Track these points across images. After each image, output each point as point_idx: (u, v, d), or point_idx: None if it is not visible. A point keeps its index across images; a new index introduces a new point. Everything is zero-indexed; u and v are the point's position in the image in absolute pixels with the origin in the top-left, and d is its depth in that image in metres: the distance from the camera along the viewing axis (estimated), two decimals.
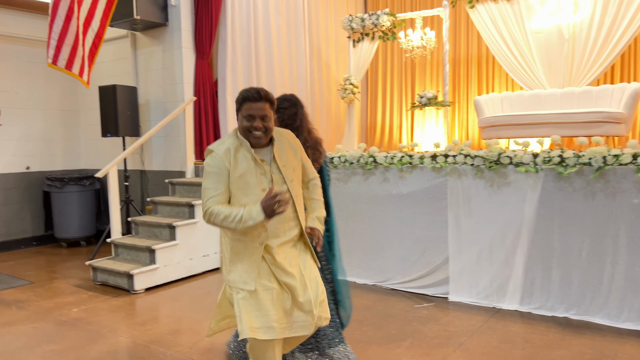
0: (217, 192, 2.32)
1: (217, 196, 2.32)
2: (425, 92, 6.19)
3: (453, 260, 4.35)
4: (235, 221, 2.25)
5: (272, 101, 2.39)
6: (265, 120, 2.32)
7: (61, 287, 5.09)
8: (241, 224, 2.24)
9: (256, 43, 6.81)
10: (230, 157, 2.32)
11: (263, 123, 2.32)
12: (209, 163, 2.34)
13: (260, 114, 2.31)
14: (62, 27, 5.11)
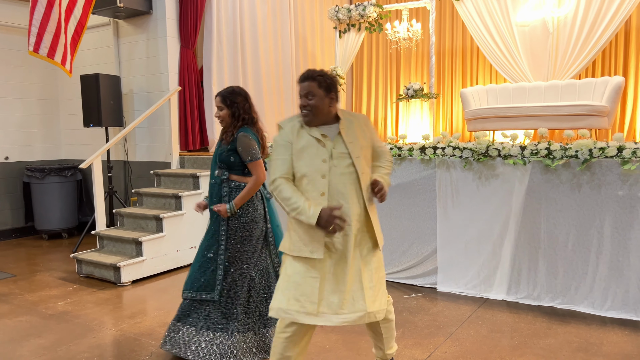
0: (284, 165, 2.42)
1: (284, 169, 2.42)
2: (412, 84, 6.21)
3: (441, 251, 4.40)
4: (291, 208, 2.35)
5: (320, 80, 2.45)
6: (310, 98, 2.43)
7: (45, 280, 5.00)
8: (294, 213, 2.34)
9: (242, 32, 6.74)
10: (294, 132, 2.45)
11: (308, 101, 2.43)
12: (277, 137, 2.49)
13: (304, 92, 2.44)
14: (44, 14, 4.97)
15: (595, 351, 3.14)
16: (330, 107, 2.47)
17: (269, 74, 7.20)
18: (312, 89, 2.43)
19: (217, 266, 3.14)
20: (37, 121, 7.23)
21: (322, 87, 2.43)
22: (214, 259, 3.15)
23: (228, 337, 3.04)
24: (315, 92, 2.42)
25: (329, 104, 2.45)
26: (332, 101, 2.46)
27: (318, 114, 2.43)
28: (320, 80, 2.43)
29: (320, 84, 2.43)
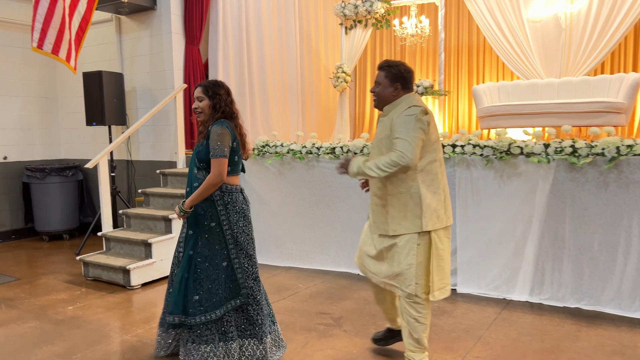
0: None
1: None
2: (422, 81, 6.11)
3: (461, 251, 4.31)
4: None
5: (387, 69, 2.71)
6: (376, 85, 2.75)
7: (50, 283, 4.85)
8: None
9: (247, 28, 6.60)
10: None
11: (375, 88, 2.75)
12: None
13: (376, 80, 2.76)
14: (48, 9, 4.81)
15: (631, 354, 3.06)
16: (394, 96, 2.71)
17: (274, 70, 7.07)
18: (380, 78, 2.73)
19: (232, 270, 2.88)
20: (36, 120, 7.05)
21: (388, 77, 2.69)
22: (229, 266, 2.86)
23: (259, 342, 2.90)
24: (381, 82, 2.71)
25: (393, 93, 2.70)
26: (396, 90, 2.70)
27: (382, 100, 2.73)
28: (387, 70, 2.70)
29: (387, 73, 2.69)
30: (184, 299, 2.78)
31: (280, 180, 5.30)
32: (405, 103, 2.64)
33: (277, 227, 5.34)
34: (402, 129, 2.55)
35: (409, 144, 2.51)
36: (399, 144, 2.52)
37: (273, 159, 5.27)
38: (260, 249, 5.46)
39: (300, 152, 5.14)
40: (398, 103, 2.67)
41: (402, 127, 2.55)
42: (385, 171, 2.53)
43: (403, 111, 2.59)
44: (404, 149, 2.50)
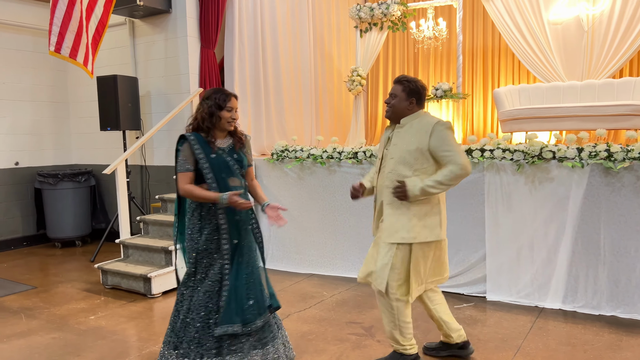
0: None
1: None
2: (440, 84, 6.04)
3: (490, 258, 4.22)
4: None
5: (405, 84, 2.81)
6: (391, 97, 2.83)
7: (68, 291, 4.75)
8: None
9: (262, 31, 6.52)
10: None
11: (391, 100, 2.83)
12: None
13: (392, 92, 2.84)
14: (65, 12, 4.73)
15: None
16: (409, 110, 2.80)
17: (288, 74, 6.99)
18: (395, 90, 2.81)
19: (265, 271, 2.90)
20: (47, 125, 6.96)
21: (404, 90, 2.78)
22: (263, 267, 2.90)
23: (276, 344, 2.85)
24: (398, 94, 2.80)
25: (408, 107, 2.80)
26: (410, 105, 2.80)
27: (396, 112, 2.82)
28: (405, 84, 2.79)
29: (404, 87, 2.79)
30: (237, 308, 2.69)
31: (300, 185, 5.21)
32: (430, 117, 2.76)
33: (297, 233, 5.25)
34: (447, 143, 2.68)
35: (460, 154, 2.66)
36: (455, 157, 2.66)
37: (293, 164, 5.19)
38: (279, 255, 5.38)
39: (321, 156, 5.06)
40: (418, 116, 2.79)
41: (446, 141, 2.68)
42: (450, 185, 2.67)
43: (435, 125, 2.69)
44: (463, 161, 2.65)
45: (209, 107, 2.70)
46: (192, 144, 2.69)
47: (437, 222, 2.78)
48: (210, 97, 2.73)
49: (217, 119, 2.70)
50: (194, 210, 2.75)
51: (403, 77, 2.84)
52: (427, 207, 2.76)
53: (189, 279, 2.78)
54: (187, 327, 2.69)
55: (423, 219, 2.74)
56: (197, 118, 2.74)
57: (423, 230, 2.74)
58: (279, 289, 4.63)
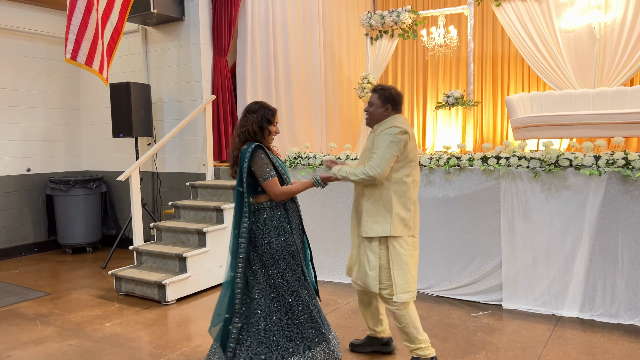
0: None
1: None
2: (452, 92, 6.05)
3: (506, 266, 4.21)
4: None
5: (380, 92, 2.99)
6: (369, 106, 3.03)
7: (82, 298, 4.75)
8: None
9: (274, 39, 6.56)
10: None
11: (369, 108, 3.04)
12: None
13: (369, 101, 3.04)
14: (82, 19, 4.77)
15: None
16: (385, 115, 2.99)
17: (299, 81, 7.02)
18: (372, 99, 3.02)
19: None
20: (59, 131, 6.99)
21: (380, 98, 2.99)
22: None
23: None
24: (374, 102, 3.00)
25: (384, 113, 2.99)
26: (386, 111, 2.99)
27: (373, 119, 3.03)
28: (380, 93, 3.00)
29: (379, 95, 2.99)
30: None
31: (312, 192, 5.21)
32: (389, 122, 2.94)
33: (310, 240, 5.23)
34: (379, 145, 2.88)
35: (381, 159, 2.84)
36: (374, 158, 2.87)
37: (306, 170, 5.20)
38: None
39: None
40: (385, 122, 2.96)
41: (380, 143, 2.88)
42: (359, 178, 2.88)
43: (384, 129, 2.89)
44: (375, 163, 2.84)
45: (258, 121, 2.88)
46: (268, 152, 2.91)
47: (388, 219, 2.92)
48: (258, 112, 2.91)
49: (267, 132, 2.92)
50: (279, 217, 2.88)
51: (378, 86, 3.03)
52: (379, 204, 2.95)
53: (299, 281, 2.92)
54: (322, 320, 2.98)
55: (374, 215, 2.96)
56: (247, 131, 2.88)
57: (374, 225, 2.95)
58: None
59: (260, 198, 2.90)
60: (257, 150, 2.83)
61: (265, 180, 2.82)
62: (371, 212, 2.96)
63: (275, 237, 2.86)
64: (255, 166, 2.82)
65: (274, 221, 2.87)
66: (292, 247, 2.89)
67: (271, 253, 2.85)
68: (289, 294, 2.86)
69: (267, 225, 2.87)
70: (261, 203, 2.90)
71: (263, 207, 2.89)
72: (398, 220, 2.93)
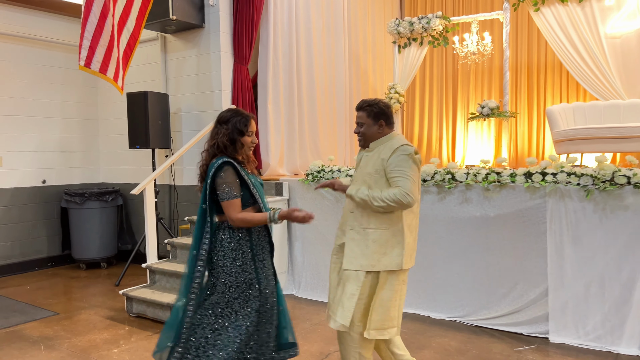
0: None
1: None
2: (487, 102, 5.66)
3: (554, 295, 3.78)
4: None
5: (368, 109, 2.68)
6: (359, 126, 2.72)
7: (91, 319, 4.47)
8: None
9: (297, 47, 6.27)
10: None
11: (359, 129, 2.73)
12: None
13: (357, 120, 2.75)
14: (97, 25, 4.54)
15: None
16: (380, 133, 2.69)
17: (323, 91, 6.71)
18: (363, 119, 2.71)
19: None
20: (76, 142, 6.79)
21: (370, 116, 2.68)
22: None
23: None
24: (365, 122, 2.70)
25: (378, 130, 2.69)
26: (380, 128, 2.68)
27: (368, 139, 2.71)
28: (368, 110, 2.68)
29: (368, 113, 2.68)
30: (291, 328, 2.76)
31: (337, 208, 4.86)
32: (396, 141, 2.64)
33: (324, 256, 4.87)
34: (400, 168, 2.54)
35: (410, 183, 2.51)
36: (402, 182, 2.51)
37: None
38: (313, 283, 5.02)
39: None
40: (386, 140, 2.68)
41: (400, 166, 2.54)
42: (386, 204, 2.51)
43: (396, 149, 2.57)
44: (408, 188, 2.50)
45: (229, 133, 2.53)
46: (240, 168, 2.54)
47: (399, 251, 2.59)
48: (230, 121, 2.56)
49: (239, 144, 2.56)
50: (240, 239, 2.52)
51: (364, 103, 2.72)
52: (388, 233, 2.60)
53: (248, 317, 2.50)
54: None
55: (383, 246, 2.59)
56: (217, 144, 2.55)
57: (383, 258, 2.59)
58: (315, 322, 4.26)
59: (224, 216, 2.55)
60: (223, 167, 2.48)
61: (224, 201, 2.46)
62: (380, 244, 2.59)
63: (231, 261, 2.49)
64: (216, 183, 2.49)
65: (231, 243, 2.51)
66: (249, 275, 2.50)
67: (223, 278, 2.49)
68: (232, 327, 2.46)
69: (224, 247, 2.50)
70: (224, 222, 2.55)
71: (223, 227, 2.53)
72: (409, 251, 2.64)
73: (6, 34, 6.03)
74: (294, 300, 4.91)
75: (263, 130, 5.89)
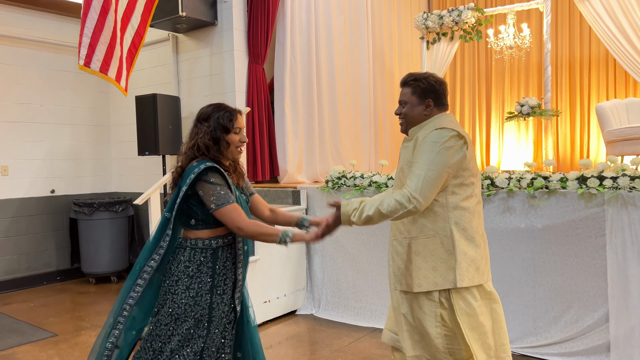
0: None
1: None
2: (527, 100, 5.09)
3: (616, 321, 3.20)
4: None
5: (413, 84, 2.20)
6: (402, 106, 2.24)
7: (90, 342, 4.07)
8: None
9: (317, 45, 5.83)
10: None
11: (401, 109, 2.25)
12: None
13: (401, 99, 2.25)
14: (97, 21, 4.18)
15: None
16: (426, 115, 2.18)
17: (345, 92, 6.25)
18: (406, 96, 2.22)
19: None
20: (86, 150, 6.49)
21: (415, 93, 2.19)
22: None
23: None
24: (409, 100, 2.22)
25: (424, 112, 2.19)
26: (428, 108, 2.18)
27: (412, 123, 2.22)
28: (414, 85, 2.20)
29: (414, 89, 2.20)
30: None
31: None
32: (432, 124, 2.13)
33: (357, 276, 4.39)
34: (421, 159, 2.05)
35: (422, 179, 2.00)
36: (411, 179, 2.03)
37: (352, 193, 4.38)
38: (335, 302, 4.54)
39: (386, 184, 4.22)
40: (426, 123, 2.17)
41: (423, 156, 2.05)
42: (388, 212, 2.02)
43: (428, 134, 2.08)
44: (414, 187, 2.00)
45: (211, 131, 2.10)
46: (226, 176, 2.11)
47: (450, 263, 2.07)
48: (212, 117, 2.11)
49: (224, 144, 2.12)
50: (200, 265, 2.07)
51: (410, 76, 2.23)
52: (433, 244, 2.10)
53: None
54: None
55: (428, 261, 2.10)
56: (197, 145, 2.10)
57: (430, 274, 2.09)
58: (335, 348, 3.77)
59: (191, 233, 2.10)
60: (208, 172, 2.04)
61: (222, 207, 2.01)
62: (425, 256, 2.11)
63: (183, 289, 2.05)
64: (202, 188, 2.03)
65: (190, 268, 2.05)
66: (200, 311, 2.05)
67: (170, 308, 2.04)
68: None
69: (180, 271, 2.06)
70: (188, 239, 2.10)
71: (185, 246, 2.09)
72: (467, 262, 2.08)
73: (13, 37, 5.77)
74: (312, 322, 4.43)
75: (280, 134, 5.47)
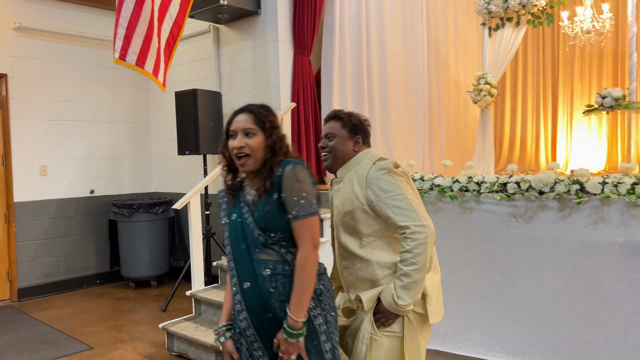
0: None
1: None
2: (609, 91, 4.47)
3: None
4: None
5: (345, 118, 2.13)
6: (328, 139, 2.13)
7: (127, 357, 3.78)
8: None
9: (368, 35, 5.35)
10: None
11: (328, 142, 2.13)
12: None
13: (328, 132, 2.15)
14: (133, 10, 3.86)
15: None
16: (355, 152, 2.13)
17: (397, 85, 5.75)
18: (334, 129, 2.14)
19: None
20: (126, 148, 6.25)
21: (346, 127, 2.13)
22: None
23: None
24: (336, 133, 2.13)
25: (353, 148, 2.13)
26: (356, 145, 2.14)
27: (338, 158, 2.12)
28: (345, 119, 2.14)
29: (344, 123, 2.14)
30: None
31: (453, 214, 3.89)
32: (367, 160, 2.07)
33: None
34: (389, 195, 1.94)
35: (411, 207, 1.92)
36: (403, 217, 1.90)
37: None
38: None
39: (450, 188, 3.72)
40: (356, 162, 2.09)
41: (388, 192, 1.94)
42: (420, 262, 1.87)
43: (369, 170, 2.00)
44: (414, 217, 1.90)
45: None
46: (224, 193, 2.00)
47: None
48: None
49: (227, 154, 1.90)
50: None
51: (337, 111, 2.17)
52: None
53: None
54: None
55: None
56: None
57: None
58: None
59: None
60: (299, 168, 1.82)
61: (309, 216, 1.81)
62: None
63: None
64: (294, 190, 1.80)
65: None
66: None
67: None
68: None
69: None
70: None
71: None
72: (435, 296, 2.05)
73: (51, 32, 5.57)
74: None
75: None
